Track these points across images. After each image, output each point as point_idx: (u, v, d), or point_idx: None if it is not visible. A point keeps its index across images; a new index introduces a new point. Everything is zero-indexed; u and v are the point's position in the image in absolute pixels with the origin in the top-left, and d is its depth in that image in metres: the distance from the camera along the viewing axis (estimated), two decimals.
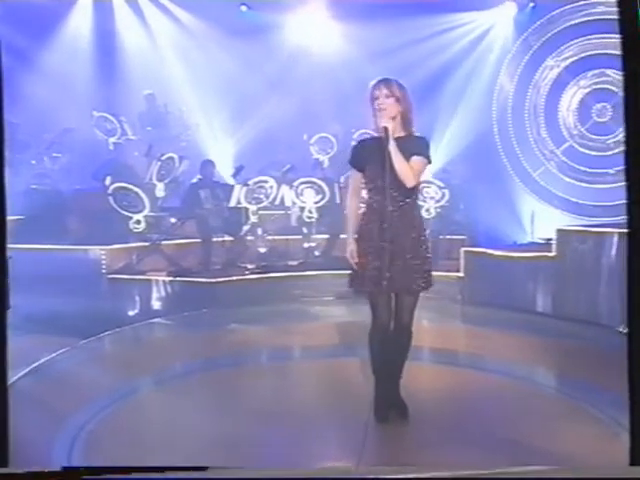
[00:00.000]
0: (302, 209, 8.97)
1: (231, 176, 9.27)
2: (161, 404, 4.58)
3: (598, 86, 9.21)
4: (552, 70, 9.56)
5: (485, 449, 3.79)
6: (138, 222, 8.38)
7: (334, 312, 7.21)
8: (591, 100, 9.29)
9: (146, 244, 8.41)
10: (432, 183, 8.97)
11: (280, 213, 9.37)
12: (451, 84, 9.85)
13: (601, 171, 9.05)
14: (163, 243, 8.49)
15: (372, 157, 3.96)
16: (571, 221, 8.75)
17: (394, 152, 3.83)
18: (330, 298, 7.58)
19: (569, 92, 9.47)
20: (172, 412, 4.39)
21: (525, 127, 9.78)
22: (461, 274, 7.68)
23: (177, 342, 6.22)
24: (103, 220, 8.68)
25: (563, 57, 9.44)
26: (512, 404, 4.52)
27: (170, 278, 7.76)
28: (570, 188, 9.38)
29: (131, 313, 7.11)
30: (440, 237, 8.68)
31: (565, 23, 9.31)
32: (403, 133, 3.97)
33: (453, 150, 9.57)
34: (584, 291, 6.63)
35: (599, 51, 8.99)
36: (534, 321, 6.69)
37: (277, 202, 9.10)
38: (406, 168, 3.87)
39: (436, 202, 8.96)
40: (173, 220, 8.95)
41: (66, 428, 4.00)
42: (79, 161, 9.79)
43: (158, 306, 7.47)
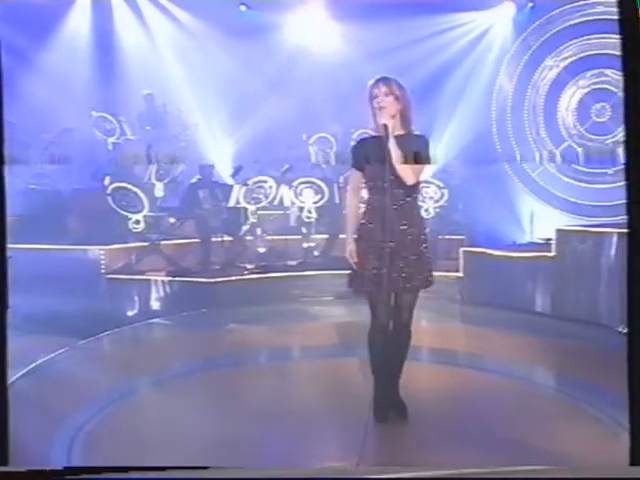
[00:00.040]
0: (301, 209, 8.98)
1: (230, 176, 9.28)
2: (160, 404, 4.58)
3: (597, 86, 9.20)
4: (551, 70, 9.55)
5: (485, 449, 3.79)
6: (137, 222, 8.38)
7: (333, 312, 7.21)
8: (590, 100, 9.28)
9: (145, 244, 8.41)
10: (431, 183, 8.98)
11: (279, 213, 9.39)
12: (450, 84, 9.84)
13: (600, 171, 9.05)
14: (162, 243, 8.50)
15: (372, 156, 3.95)
16: (570, 221, 8.75)
17: (394, 150, 3.83)
18: (329, 298, 7.59)
19: (568, 92, 9.47)
20: (171, 412, 4.39)
21: (524, 127, 9.78)
22: (460, 274, 7.69)
23: (176, 342, 6.22)
24: (102, 220, 8.68)
25: (562, 57, 9.44)
26: (511, 404, 4.52)
27: (169, 278, 7.76)
28: (569, 188, 9.38)
29: (130, 313, 7.11)
30: (439, 237, 8.68)
31: (564, 23, 9.30)
32: (402, 131, 3.97)
33: (452, 150, 9.57)
34: (583, 291, 6.63)
35: (598, 51, 8.99)
36: (533, 321, 6.69)
37: (276, 202, 9.11)
38: (406, 166, 3.87)
39: (435, 202, 8.98)
40: (172, 220, 8.96)
41: (65, 428, 4.00)
42: (78, 161, 9.78)
43: (157, 306, 7.47)
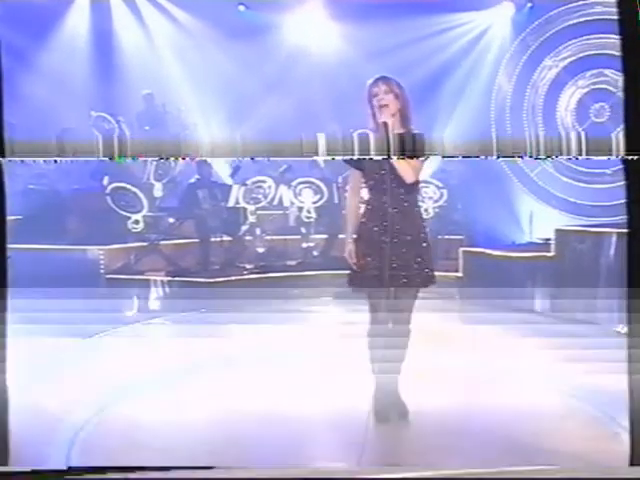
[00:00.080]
0: (300, 209, 8.98)
1: (229, 176, 9.28)
2: (159, 404, 4.58)
3: (596, 86, 9.20)
4: (550, 70, 9.56)
5: (485, 449, 3.79)
6: (137, 222, 8.39)
7: (333, 312, 7.20)
8: (589, 100, 9.29)
9: (145, 244, 8.41)
10: (430, 183, 8.99)
11: (278, 213, 9.38)
12: (450, 84, 9.85)
13: (599, 171, 9.05)
14: (161, 243, 8.50)
15: (372, 155, 3.95)
16: (569, 221, 8.75)
17: (393, 148, 3.83)
18: (329, 298, 7.58)
19: (567, 92, 9.47)
20: (170, 412, 4.39)
21: (523, 127, 9.77)
22: (460, 274, 7.70)
23: (175, 342, 6.21)
24: (102, 220, 8.67)
25: (561, 57, 9.44)
26: (511, 404, 4.52)
27: (168, 278, 7.76)
28: (568, 188, 9.38)
29: (129, 313, 7.09)
30: (439, 237, 8.69)
31: (563, 23, 9.31)
32: (402, 130, 3.97)
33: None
34: (583, 291, 6.63)
35: (597, 51, 8.99)
36: (533, 321, 6.69)
37: (275, 202, 9.11)
38: (405, 164, 3.87)
39: (434, 202, 8.99)
40: (171, 220, 8.95)
41: (64, 428, 4.00)
42: (77, 161, 9.75)
43: (156, 306, 7.46)
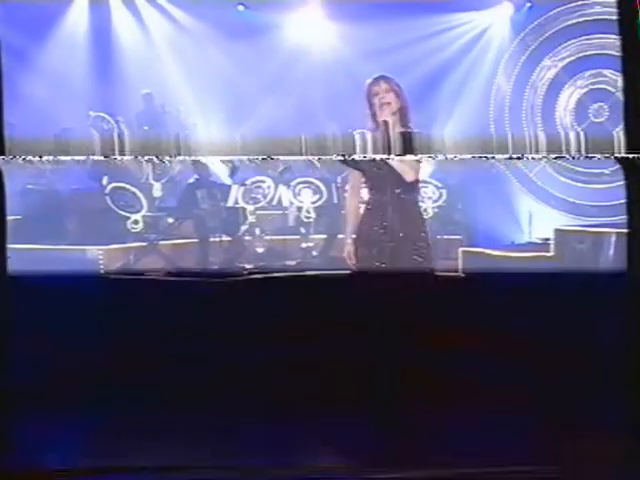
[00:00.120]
0: (300, 209, 8.97)
1: (227, 176, 9.26)
2: (158, 405, 4.58)
3: (595, 86, 9.21)
4: (549, 70, 9.56)
5: (485, 449, 3.80)
6: (136, 222, 8.38)
7: (332, 312, 7.17)
8: (588, 100, 9.30)
9: (144, 244, 8.40)
10: (430, 183, 8.97)
11: (278, 213, 9.37)
12: (448, 84, 9.84)
13: (598, 171, 9.05)
14: (161, 243, 8.49)
15: (372, 154, 3.98)
16: (569, 221, 8.76)
17: (393, 147, 3.85)
18: (328, 298, 7.54)
19: (566, 92, 9.48)
20: (169, 413, 4.40)
21: (522, 127, 9.78)
22: (459, 274, 7.67)
23: (175, 343, 6.20)
24: (101, 220, 8.66)
25: (560, 57, 9.45)
26: (511, 404, 4.53)
27: (168, 278, 7.75)
28: (567, 188, 9.39)
29: (129, 314, 7.06)
30: (438, 237, 8.67)
31: (562, 23, 9.32)
32: (402, 129, 3.99)
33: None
34: (582, 291, 6.62)
35: (596, 51, 9.01)
36: (533, 321, 6.67)
37: (274, 202, 9.10)
38: (405, 163, 3.90)
39: (434, 202, 8.97)
40: (171, 220, 8.94)
41: (64, 429, 4.02)
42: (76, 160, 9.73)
43: (156, 306, 7.42)
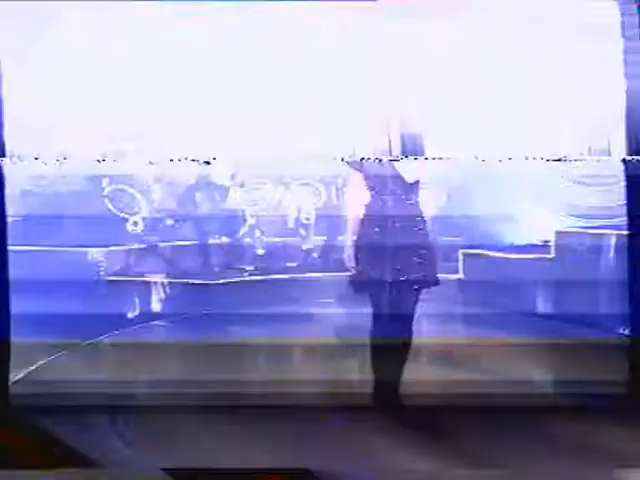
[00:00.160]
0: (299, 211, 8.96)
1: (227, 178, 9.24)
2: (158, 405, 4.57)
3: None
4: None
5: (485, 449, 3.80)
6: (135, 224, 8.36)
7: (333, 314, 7.18)
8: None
9: (144, 246, 8.38)
10: (430, 184, 8.94)
11: (277, 215, 9.35)
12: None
13: (598, 173, 9.01)
14: (161, 245, 8.47)
15: (372, 154, 4.00)
16: (571, 223, 8.71)
17: (394, 147, 3.88)
18: (329, 300, 7.55)
19: None
20: (169, 413, 4.39)
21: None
22: (460, 276, 7.66)
23: (175, 344, 6.21)
24: (100, 222, 8.64)
25: None
26: (511, 404, 4.52)
27: (168, 280, 7.73)
28: (568, 189, 9.34)
29: (129, 315, 7.06)
30: (438, 238, 8.66)
31: None
32: (403, 130, 4.00)
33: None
34: (583, 292, 6.62)
35: None
36: (533, 322, 6.68)
37: (274, 204, 9.08)
38: (406, 164, 3.91)
39: (433, 202, 8.95)
40: (170, 222, 8.92)
41: (63, 429, 4.01)
42: (76, 162, 9.70)
43: (156, 308, 7.42)
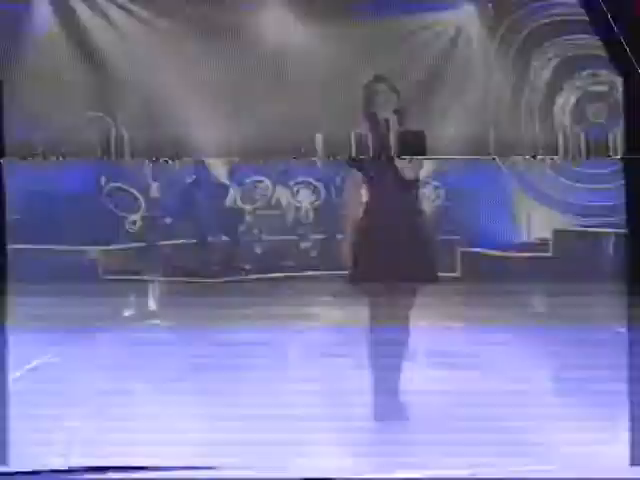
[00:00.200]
0: (298, 209, 8.97)
1: (226, 176, 9.23)
2: (158, 406, 4.58)
3: (593, 88, 9.15)
4: (543, 70, 9.41)
5: (484, 449, 3.79)
6: (134, 223, 8.36)
7: (331, 312, 7.19)
8: (586, 101, 9.25)
9: (142, 245, 8.37)
10: (428, 183, 8.94)
11: (276, 213, 9.35)
12: (443, 84, 9.66)
13: (597, 171, 9.01)
14: (159, 244, 8.47)
15: (371, 153, 4.00)
16: (567, 221, 8.73)
17: (394, 145, 3.87)
18: (327, 298, 7.56)
19: (563, 93, 9.40)
20: (168, 414, 4.39)
21: (521, 127, 9.69)
22: (457, 274, 7.66)
23: (173, 343, 6.21)
24: (98, 221, 8.62)
25: (549, 57, 9.27)
26: (511, 405, 4.52)
27: (166, 279, 7.73)
28: (566, 188, 9.34)
29: (126, 314, 7.04)
30: (436, 237, 8.64)
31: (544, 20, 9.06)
32: (401, 128, 4.01)
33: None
34: (581, 291, 6.63)
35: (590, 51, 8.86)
36: (531, 321, 6.68)
37: (273, 202, 9.08)
38: (405, 162, 3.91)
39: (431, 202, 8.95)
40: (169, 220, 8.92)
41: (63, 429, 4.01)
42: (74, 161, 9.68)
43: (153, 307, 7.40)
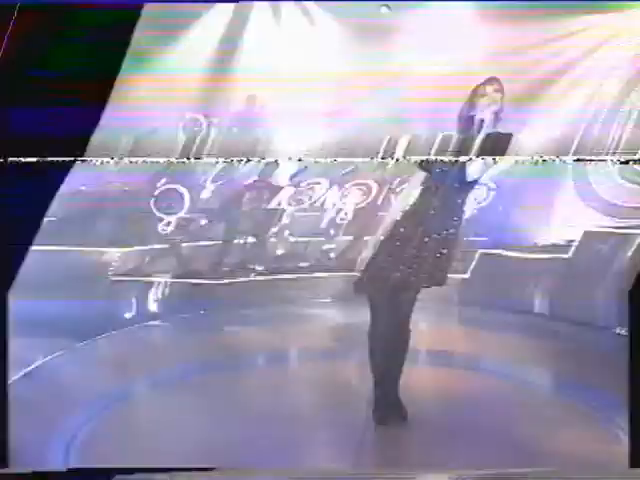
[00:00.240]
0: (340, 211, 8.80)
1: (289, 177, 9.04)
2: (158, 406, 4.63)
3: None
4: None
5: (484, 451, 3.78)
6: (168, 224, 8.37)
7: (331, 313, 7.14)
8: None
9: (166, 246, 8.36)
10: (484, 184, 8.48)
11: (314, 215, 9.18)
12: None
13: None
14: (184, 245, 8.43)
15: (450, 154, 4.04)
16: (606, 222, 8.42)
17: (476, 146, 3.89)
18: (327, 300, 7.48)
19: None
20: (168, 414, 4.44)
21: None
22: (467, 276, 7.39)
23: (174, 344, 6.25)
24: (134, 222, 8.63)
25: None
26: (512, 406, 4.49)
27: (171, 280, 7.70)
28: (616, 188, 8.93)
29: (129, 315, 7.06)
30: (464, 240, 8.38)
31: None
32: (492, 130, 4.02)
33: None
34: (599, 292, 6.47)
35: None
36: (536, 323, 6.55)
37: (319, 204, 8.91)
38: (477, 162, 3.93)
39: (478, 203, 8.54)
40: (204, 222, 8.88)
41: (63, 430, 4.09)
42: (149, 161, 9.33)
43: (156, 308, 7.42)
